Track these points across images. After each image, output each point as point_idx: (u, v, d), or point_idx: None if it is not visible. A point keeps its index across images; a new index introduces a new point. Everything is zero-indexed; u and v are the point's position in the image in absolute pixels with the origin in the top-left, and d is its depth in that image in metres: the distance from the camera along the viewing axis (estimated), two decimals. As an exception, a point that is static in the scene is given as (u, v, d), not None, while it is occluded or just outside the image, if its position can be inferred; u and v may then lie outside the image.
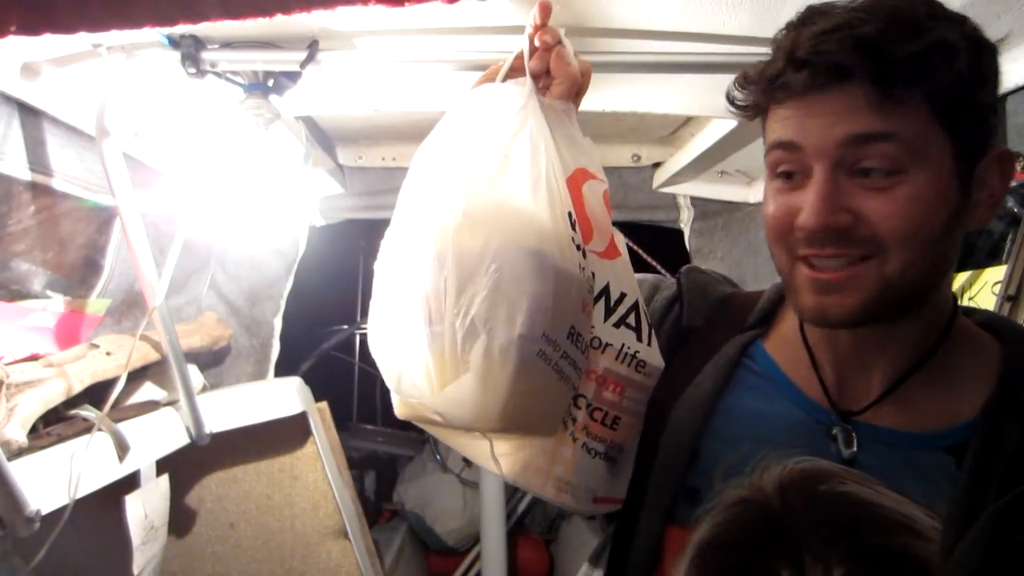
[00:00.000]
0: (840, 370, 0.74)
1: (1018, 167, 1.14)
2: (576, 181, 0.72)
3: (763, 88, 0.67)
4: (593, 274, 0.70)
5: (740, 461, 0.70)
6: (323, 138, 1.88)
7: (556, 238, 0.65)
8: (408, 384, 0.65)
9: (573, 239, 0.67)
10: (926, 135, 0.62)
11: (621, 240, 0.76)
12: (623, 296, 0.73)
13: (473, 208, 0.64)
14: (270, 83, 1.23)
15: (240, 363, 2.06)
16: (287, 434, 1.80)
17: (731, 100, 0.73)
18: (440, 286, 0.63)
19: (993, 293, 1.25)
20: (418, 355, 0.64)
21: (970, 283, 1.33)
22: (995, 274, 1.26)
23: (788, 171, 0.67)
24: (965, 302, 1.34)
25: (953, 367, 0.70)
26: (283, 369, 2.12)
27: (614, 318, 0.72)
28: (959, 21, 0.64)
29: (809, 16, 0.65)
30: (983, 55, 0.65)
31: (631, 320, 0.73)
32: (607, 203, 0.75)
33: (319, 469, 1.83)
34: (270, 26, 1.07)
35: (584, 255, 0.69)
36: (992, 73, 0.67)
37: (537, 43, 0.75)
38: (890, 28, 0.60)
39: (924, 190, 0.63)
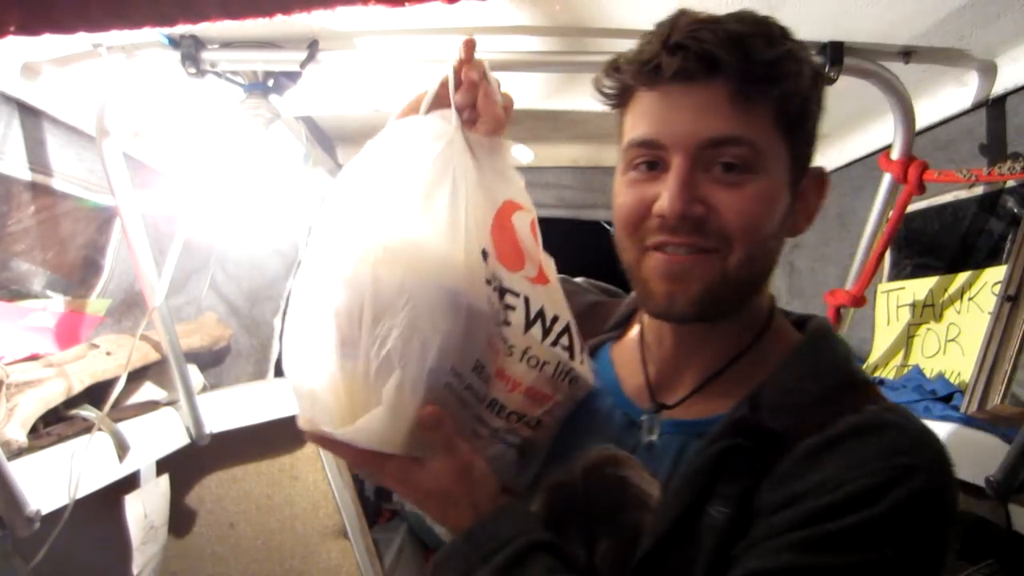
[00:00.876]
0: (663, 368, 0.79)
1: (1018, 167, 1.14)
2: (505, 213, 0.75)
3: (634, 72, 0.68)
4: (527, 298, 0.73)
5: (570, 449, 0.79)
6: (323, 138, 1.88)
7: (469, 276, 0.68)
8: (320, 410, 0.66)
9: (485, 277, 0.69)
10: (771, 142, 0.68)
11: (551, 267, 0.80)
12: (556, 318, 0.76)
13: (393, 243, 0.66)
14: (270, 83, 1.24)
15: (240, 363, 2.06)
16: (287, 434, 1.80)
17: (599, 87, 0.75)
18: (355, 315, 0.65)
19: (993, 293, 1.25)
20: (330, 380, 0.66)
21: (970, 283, 1.34)
22: (995, 274, 1.26)
23: (649, 162, 0.70)
24: (965, 302, 1.34)
25: (759, 365, 0.74)
26: (283, 369, 2.12)
27: (550, 338, 0.75)
28: (803, 46, 0.69)
29: (682, 13, 0.69)
30: (820, 80, 0.71)
31: (564, 340, 0.76)
32: (535, 232, 0.78)
33: (319, 469, 1.83)
34: (270, 26, 1.07)
35: (501, 294, 0.71)
36: (821, 100, 0.72)
37: (463, 78, 0.77)
38: (755, 32, 0.65)
39: (766, 192, 0.68)
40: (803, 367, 0.72)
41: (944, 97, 1.31)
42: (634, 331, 0.87)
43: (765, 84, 0.65)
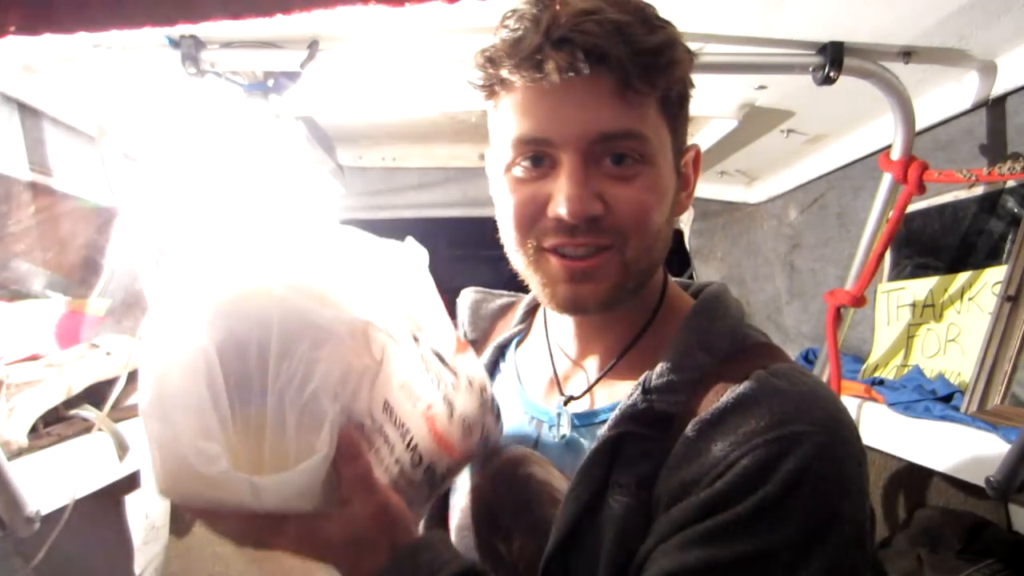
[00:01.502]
0: (570, 360, 0.79)
1: (1018, 167, 1.14)
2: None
3: (514, 65, 0.64)
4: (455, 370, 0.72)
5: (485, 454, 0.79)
6: (323, 138, 1.88)
7: (386, 312, 0.63)
8: (197, 474, 0.52)
9: (411, 330, 0.66)
10: (658, 130, 0.67)
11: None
12: (471, 382, 0.74)
13: (303, 274, 0.60)
14: (270, 83, 1.24)
15: (240, 363, 2.05)
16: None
17: (470, 79, 0.72)
18: (252, 351, 0.55)
19: (993, 293, 1.25)
20: (214, 432, 0.54)
21: (970, 283, 1.34)
22: (995, 274, 1.26)
23: (535, 157, 0.67)
24: (965, 302, 1.34)
25: (658, 343, 0.72)
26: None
27: (468, 396, 0.73)
28: (675, 27, 0.67)
29: (549, 1, 0.64)
30: (691, 59, 0.69)
31: (481, 397, 0.75)
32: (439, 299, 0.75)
33: (319, 469, 1.83)
34: (270, 26, 1.07)
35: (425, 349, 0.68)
36: (691, 78, 0.71)
37: None
38: (636, 19, 0.63)
39: (657, 181, 0.67)
40: (692, 338, 0.70)
41: (944, 97, 1.31)
42: (537, 327, 0.87)
43: (652, 74, 0.63)
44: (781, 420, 0.58)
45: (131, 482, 1.33)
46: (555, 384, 0.80)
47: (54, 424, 1.23)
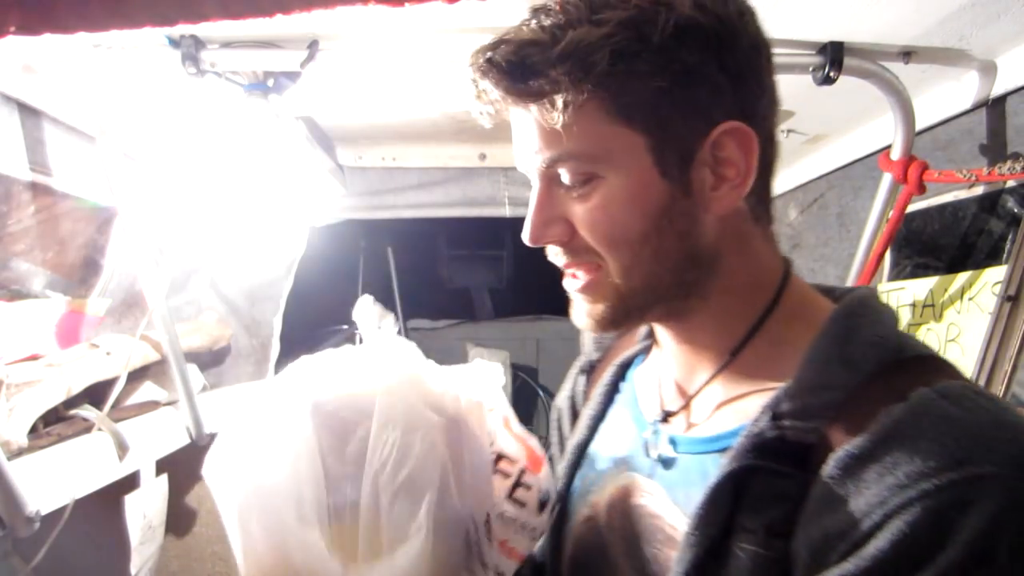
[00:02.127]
0: (672, 373, 0.73)
1: (1018, 167, 1.14)
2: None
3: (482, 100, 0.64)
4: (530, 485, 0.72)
5: (595, 480, 0.74)
6: (323, 138, 1.88)
7: (477, 414, 0.66)
8: (305, 553, 0.55)
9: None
10: (605, 140, 0.59)
11: (535, 444, 0.77)
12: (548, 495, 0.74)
13: (400, 374, 0.62)
14: (270, 83, 1.23)
15: (240, 363, 2.06)
16: (287, 434, 1.80)
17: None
18: (350, 440, 0.58)
19: (993, 293, 1.25)
20: (313, 534, 0.55)
21: (970, 283, 1.33)
22: (995, 274, 1.26)
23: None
24: (965, 302, 1.34)
25: (774, 354, 0.63)
26: (283, 369, 2.12)
27: (540, 513, 0.72)
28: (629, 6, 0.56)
29: (521, 22, 0.62)
30: (683, 38, 0.56)
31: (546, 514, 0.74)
32: (509, 427, 0.75)
33: (319, 469, 1.83)
34: (270, 26, 1.07)
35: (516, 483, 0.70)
36: (706, 50, 0.57)
37: None
38: (539, 34, 0.57)
39: (617, 193, 0.60)
40: (831, 351, 0.57)
41: (944, 97, 1.31)
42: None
43: (568, 86, 0.56)
44: (957, 458, 0.45)
45: (131, 482, 1.33)
46: (658, 399, 0.74)
47: (54, 424, 1.23)
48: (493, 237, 4.12)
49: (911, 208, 1.40)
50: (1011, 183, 1.23)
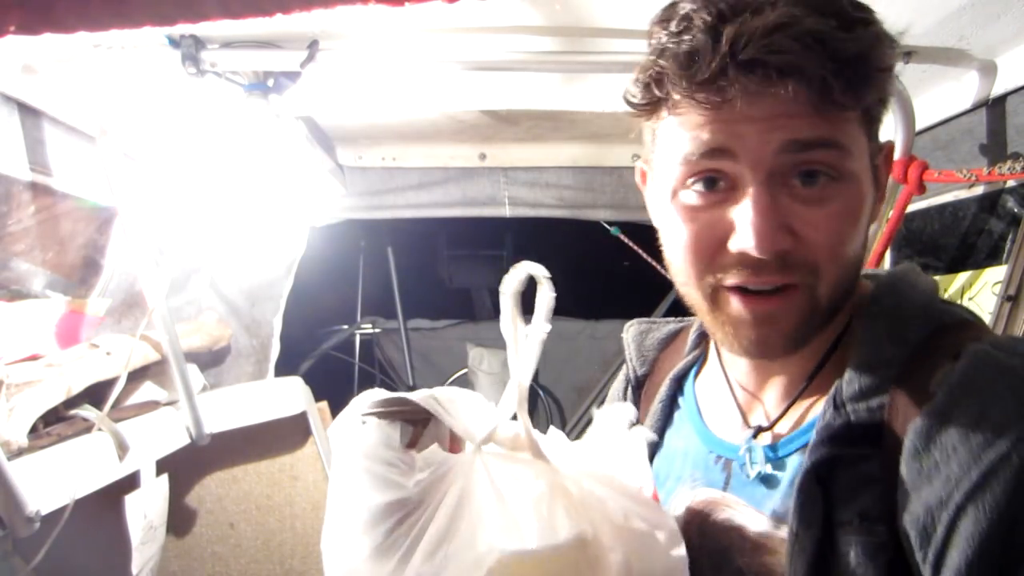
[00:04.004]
0: (750, 388, 0.70)
1: (1018, 167, 1.14)
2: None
3: (690, 87, 0.55)
4: None
5: (664, 500, 0.72)
6: (323, 138, 1.88)
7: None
8: None
9: None
10: (857, 140, 0.57)
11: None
12: None
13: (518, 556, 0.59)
14: (270, 83, 1.24)
15: (240, 363, 2.06)
16: (287, 434, 1.80)
17: (630, 97, 0.63)
18: None
19: (993, 293, 1.25)
20: None
21: (970, 283, 1.34)
22: (995, 274, 1.26)
23: (710, 178, 0.58)
24: (965, 302, 1.34)
25: (845, 354, 0.62)
26: (283, 369, 2.12)
27: None
28: (875, 15, 0.56)
29: (728, 8, 0.54)
30: (894, 50, 0.57)
31: None
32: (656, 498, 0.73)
33: (319, 469, 1.83)
34: (270, 26, 1.07)
35: None
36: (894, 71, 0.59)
37: None
38: (837, 23, 0.53)
39: (855, 202, 0.58)
40: (878, 330, 0.59)
41: (944, 97, 1.31)
42: (713, 353, 0.78)
43: (856, 86, 0.53)
44: None
45: (131, 482, 1.33)
46: (739, 416, 0.70)
47: (54, 424, 1.23)
48: (493, 237, 4.12)
49: (911, 208, 1.40)
50: (1011, 183, 1.23)
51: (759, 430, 0.67)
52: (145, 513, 1.35)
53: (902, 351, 0.57)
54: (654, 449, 0.80)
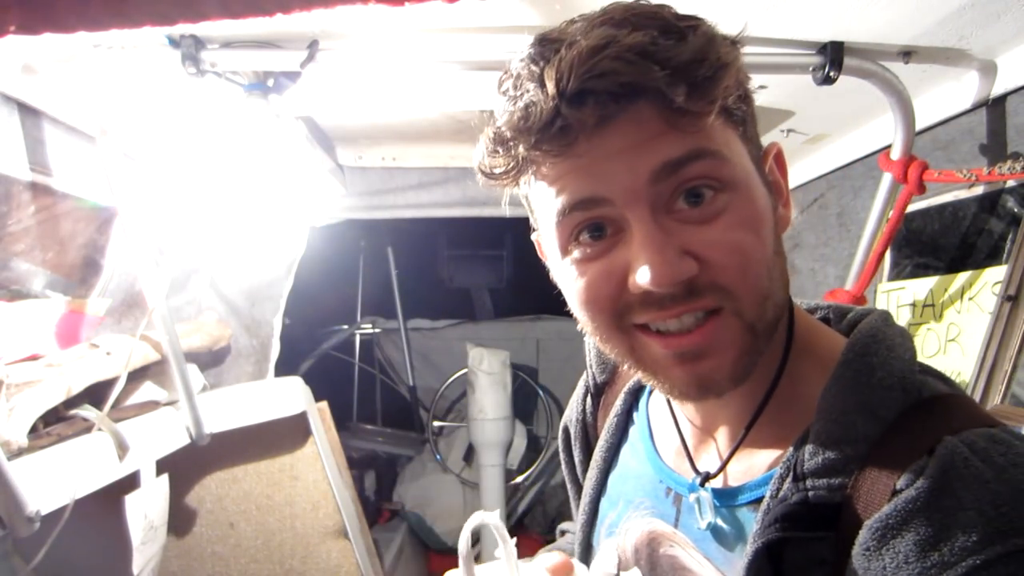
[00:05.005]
0: (696, 431, 0.68)
1: (1018, 167, 1.14)
2: None
3: (534, 141, 0.52)
4: None
5: (615, 522, 0.71)
6: (323, 138, 1.88)
7: None
8: None
9: None
10: (730, 143, 0.54)
11: None
12: None
13: None
14: (270, 83, 1.23)
15: (240, 363, 2.06)
16: (287, 434, 1.80)
17: (488, 171, 0.59)
18: None
19: (993, 293, 1.25)
20: None
21: (970, 283, 1.33)
22: (995, 274, 1.26)
23: (593, 227, 0.55)
24: (965, 302, 1.34)
25: (794, 395, 0.59)
26: (283, 369, 2.13)
27: None
28: (696, 18, 0.54)
29: (550, 45, 0.52)
30: (736, 49, 0.55)
31: None
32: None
33: (319, 469, 1.83)
34: (270, 26, 1.07)
35: None
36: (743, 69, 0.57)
37: None
38: (658, 32, 0.51)
39: (747, 210, 0.54)
40: (848, 399, 0.54)
41: (944, 97, 1.31)
42: None
43: (701, 88, 0.50)
44: (1000, 530, 0.43)
45: (131, 482, 1.33)
46: (685, 455, 0.68)
47: (54, 424, 1.23)
48: (493, 237, 4.12)
49: (911, 208, 1.40)
50: (1011, 183, 1.23)
51: (707, 477, 0.64)
52: (146, 513, 1.35)
53: (874, 429, 0.52)
54: (609, 465, 0.78)
